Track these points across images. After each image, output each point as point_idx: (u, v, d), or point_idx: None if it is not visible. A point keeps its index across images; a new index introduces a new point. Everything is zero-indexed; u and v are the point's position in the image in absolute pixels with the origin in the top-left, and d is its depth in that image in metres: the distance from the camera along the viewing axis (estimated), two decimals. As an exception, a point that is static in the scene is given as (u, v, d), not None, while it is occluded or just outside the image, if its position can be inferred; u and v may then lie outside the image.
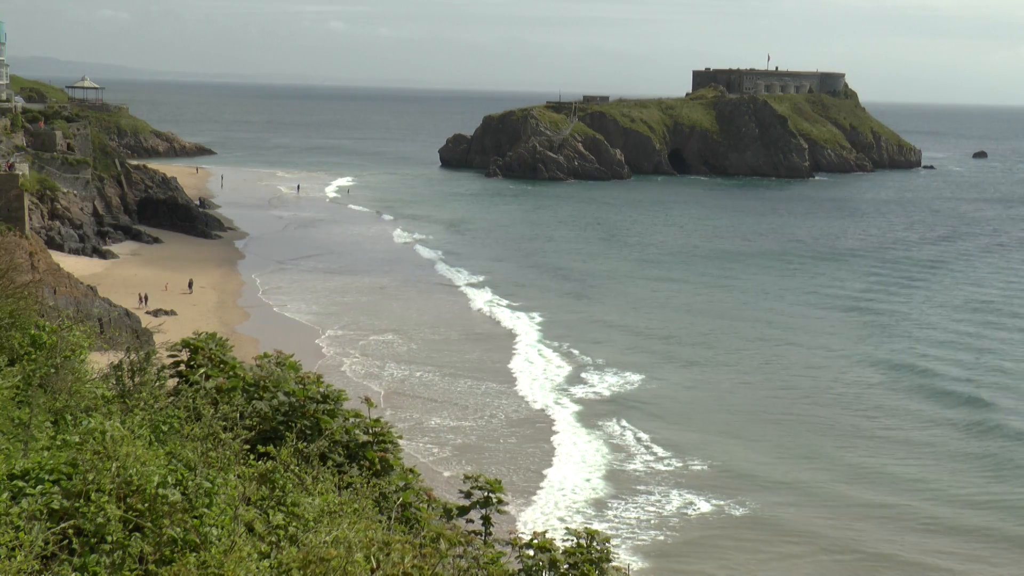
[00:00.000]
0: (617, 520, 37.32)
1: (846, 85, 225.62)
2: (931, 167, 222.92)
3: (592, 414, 49.81)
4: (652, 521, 37.61)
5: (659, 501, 39.47)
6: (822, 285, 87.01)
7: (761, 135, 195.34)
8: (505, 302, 75.05)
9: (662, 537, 36.44)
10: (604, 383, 55.24)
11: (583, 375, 56.67)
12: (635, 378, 56.11)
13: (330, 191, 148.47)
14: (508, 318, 70.01)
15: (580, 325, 68.96)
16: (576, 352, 61.37)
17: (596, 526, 34.41)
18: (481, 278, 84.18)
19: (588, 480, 41.55)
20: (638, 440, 46.11)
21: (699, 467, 43.28)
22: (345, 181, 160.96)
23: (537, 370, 57.42)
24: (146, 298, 67.78)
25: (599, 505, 39.15)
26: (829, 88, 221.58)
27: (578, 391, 53.66)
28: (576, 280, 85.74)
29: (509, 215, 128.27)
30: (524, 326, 67.71)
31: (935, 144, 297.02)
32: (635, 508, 38.82)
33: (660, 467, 43.16)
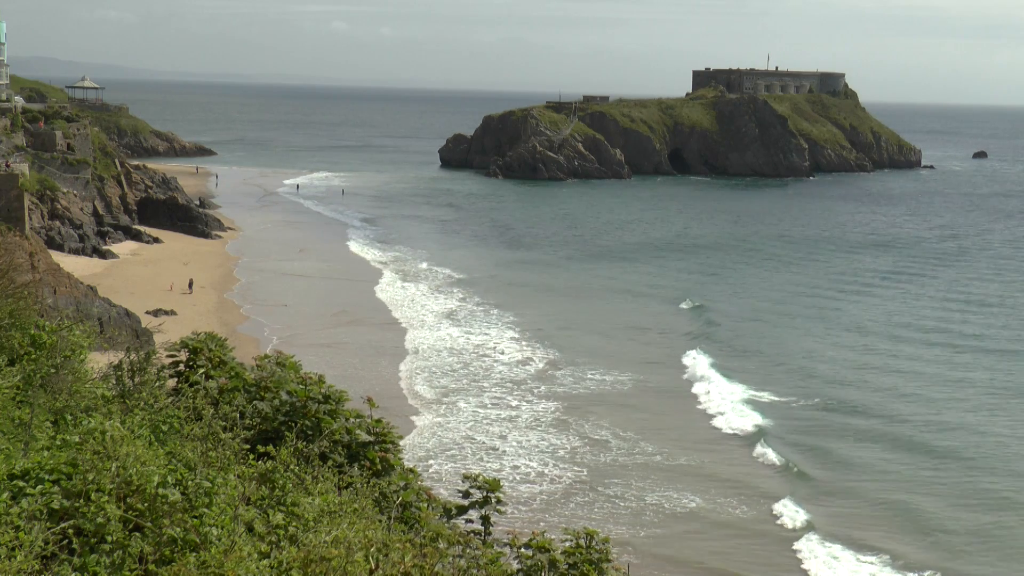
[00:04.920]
0: (575, 516, 37.34)
1: (846, 85, 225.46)
2: (931, 167, 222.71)
3: (563, 410, 50.08)
4: (620, 517, 37.82)
5: (634, 496, 39.79)
6: (814, 281, 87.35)
7: (761, 135, 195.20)
8: (478, 299, 75.55)
9: (644, 534, 36.68)
10: (576, 380, 55.46)
11: (554, 372, 56.89)
12: (610, 377, 56.26)
13: (330, 191, 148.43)
14: (485, 317, 70.26)
15: (555, 323, 69.20)
16: (552, 349, 61.57)
17: (557, 520, 34.69)
18: (465, 275, 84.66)
19: (549, 473, 41.92)
20: (614, 435, 46.52)
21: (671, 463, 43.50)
22: (345, 181, 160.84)
23: (505, 366, 57.70)
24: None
25: (564, 496, 39.45)
26: (829, 88, 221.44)
27: (549, 387, 53.85)
28: (560, 278, 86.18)
29: (506, 215, 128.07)
30: (498, 325, 67.91)
31: (935, 144, 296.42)
32: (603, 502, 39.11)
33: (631, 461, 43.43)
